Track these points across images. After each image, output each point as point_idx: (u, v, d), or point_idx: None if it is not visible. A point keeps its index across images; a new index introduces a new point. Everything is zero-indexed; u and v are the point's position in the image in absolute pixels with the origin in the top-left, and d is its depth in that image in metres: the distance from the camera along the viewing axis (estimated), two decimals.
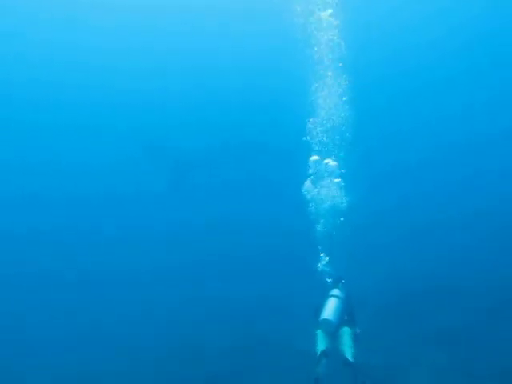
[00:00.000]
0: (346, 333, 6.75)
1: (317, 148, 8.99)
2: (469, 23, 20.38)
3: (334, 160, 8.50)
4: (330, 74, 9.92)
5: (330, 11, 10.35)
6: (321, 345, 6.63)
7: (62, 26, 21.01)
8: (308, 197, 8.41)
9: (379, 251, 12.63)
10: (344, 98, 9.60)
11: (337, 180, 8.42)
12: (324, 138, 9.09)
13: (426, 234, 14.26)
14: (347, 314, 6.94)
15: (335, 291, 7.08)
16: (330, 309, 6.82)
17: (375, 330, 8.11)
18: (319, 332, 6.79)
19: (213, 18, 20.84)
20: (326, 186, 8.41)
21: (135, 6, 21.42)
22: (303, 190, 8.41)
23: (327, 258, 7.90)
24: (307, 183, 8.42)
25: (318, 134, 9.14)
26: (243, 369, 9.77)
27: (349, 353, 6.44)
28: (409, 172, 18.21)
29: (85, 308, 13.37)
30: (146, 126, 21.21)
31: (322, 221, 8.41)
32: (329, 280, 7.53)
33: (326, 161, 8.47)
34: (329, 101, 9.63)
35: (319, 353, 6.52)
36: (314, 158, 8.50)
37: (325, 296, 7.05)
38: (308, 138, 9.11)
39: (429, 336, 9.58)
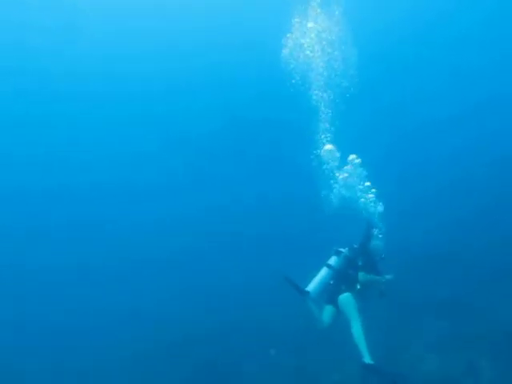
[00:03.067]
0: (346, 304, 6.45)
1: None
2: None
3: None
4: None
5: None
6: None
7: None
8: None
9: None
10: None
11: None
12: None
13: (421, 203, 13.93)
14: (345, 282, 6.57)
15: (331, 259, 6.88)
16: (313, 281, 6.72)
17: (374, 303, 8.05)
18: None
19: None
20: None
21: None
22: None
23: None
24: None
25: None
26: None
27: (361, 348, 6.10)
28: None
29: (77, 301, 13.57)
30: (162, 114, 21.28)
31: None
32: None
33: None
34: None
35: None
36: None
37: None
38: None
39: (430, 306, 9.37)
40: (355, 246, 6.92)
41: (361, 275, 6.52)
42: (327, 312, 6.70)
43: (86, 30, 20.95)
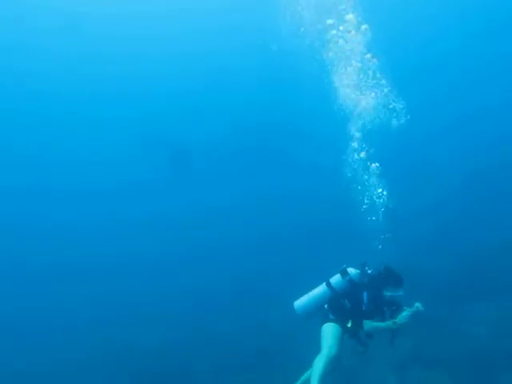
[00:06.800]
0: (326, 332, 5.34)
1: None
2: None
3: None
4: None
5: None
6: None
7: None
8: None
9: None
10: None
11: None
12: None
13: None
14: (336, 312, 5.46)
15: (334, 277, 5.64)
16: (305, 297, 5.65)
17: None
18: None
19: None
20: None
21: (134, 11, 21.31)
22: None
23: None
24: None
25: None
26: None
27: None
28: None
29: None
30: (144, 116, 21.21)
31: None
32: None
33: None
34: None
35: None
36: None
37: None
38: None
39: None
40: (369, 271, 5.63)
41: (366, 323, 5.31)
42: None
43: (86, 32, 21.16)
